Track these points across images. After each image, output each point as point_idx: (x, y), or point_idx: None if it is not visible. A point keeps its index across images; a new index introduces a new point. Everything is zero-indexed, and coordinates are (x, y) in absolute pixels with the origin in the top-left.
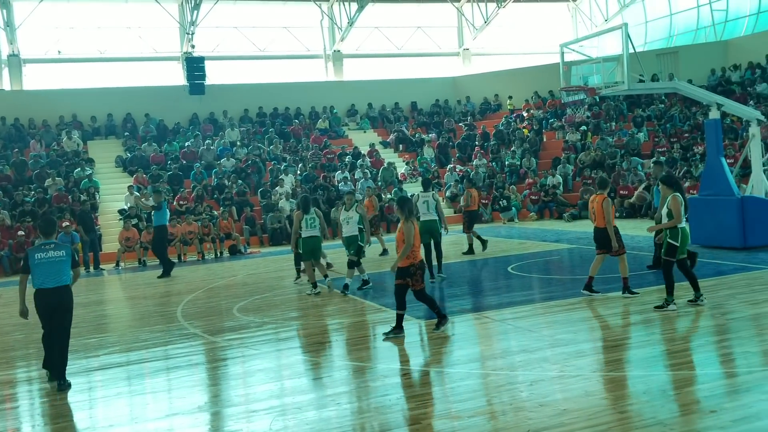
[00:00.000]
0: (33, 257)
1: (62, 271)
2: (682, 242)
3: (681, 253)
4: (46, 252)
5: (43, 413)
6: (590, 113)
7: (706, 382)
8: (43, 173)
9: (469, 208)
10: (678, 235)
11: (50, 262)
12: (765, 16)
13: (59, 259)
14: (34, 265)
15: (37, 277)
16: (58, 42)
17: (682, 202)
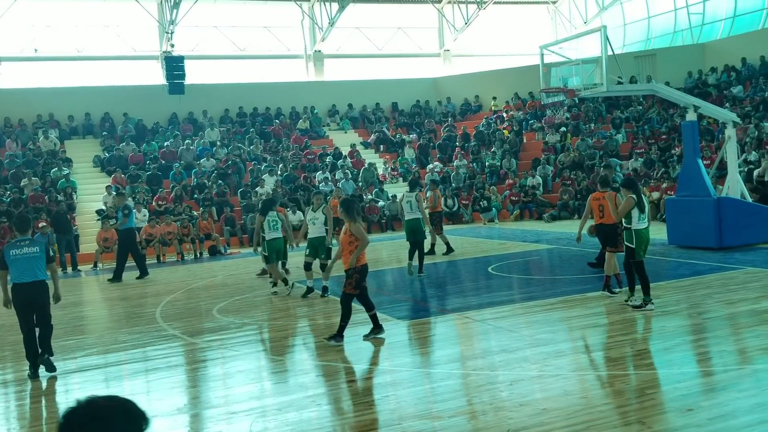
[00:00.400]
0: (8, 253)
1: (37, 266)
2: (637, 244)
3: (638, 254)
4: (21, 248)
5: (19, 416)
6: (569, 115)
7: (683, 381)
8: (18, 173)
9: (435, 209)
10: (632, 237)
11: (25, 258)
12: (741, 19)
13: (33, 255)
14: (10, 261)
15: (13, 273)
16: (34, 40)
17: (634, 205)
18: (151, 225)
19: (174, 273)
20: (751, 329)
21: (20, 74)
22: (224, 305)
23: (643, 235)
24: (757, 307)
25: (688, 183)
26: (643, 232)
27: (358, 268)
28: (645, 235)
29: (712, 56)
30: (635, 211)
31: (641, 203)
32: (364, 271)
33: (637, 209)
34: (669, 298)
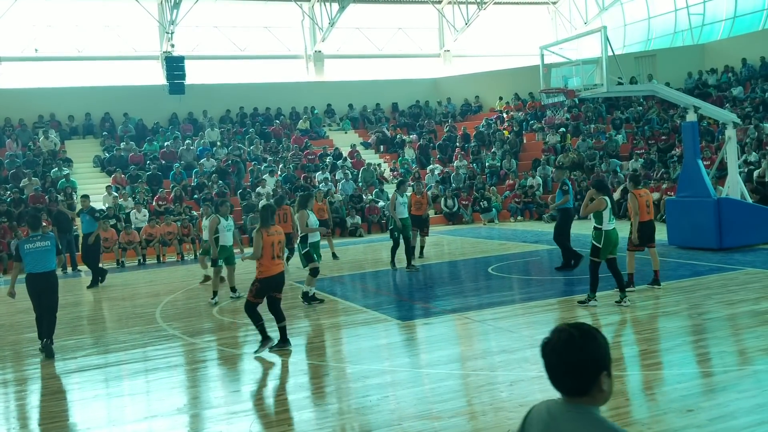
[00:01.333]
0: (23, 248)
1: (48, 258)
2: (604, 244)
3: (605, 254)
4: (34, 243)
5: (19, 416)
6: (569, 115)
7: (683, 382)
8: (19, 173)
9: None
10: (600, 237)
11: (38, 251)
12: (741, 20)
13: (45, 249)
14: (24, 254)
15: (27, 264)
16: (35, 40)
17: (606, 206)
18: (151, 225)
19: (174, 273)
20: (751, 330)
21: (21, 74)
22: (224, 305)
23: (611, 236)
24: (757, 308)
25: (688, 184)
26: (612, 234)
27: (262, 278)
28: (614, 236)
29: (712, 57)
30: (606, 213)
31: (612, 206)
32: (266, 282)
33: (608, 211)
34: (669, 299)
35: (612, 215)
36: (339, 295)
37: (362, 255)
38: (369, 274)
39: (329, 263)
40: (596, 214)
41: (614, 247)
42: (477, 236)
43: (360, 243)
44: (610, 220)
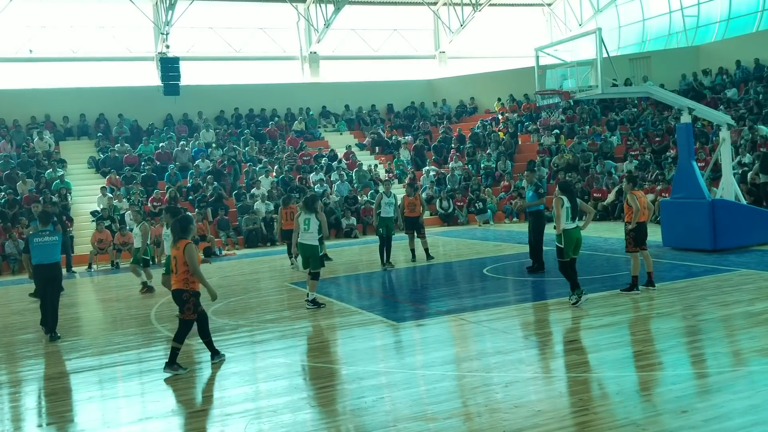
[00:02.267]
0: (32, 241)
1: (54, 251)
2: (566, 244)
3: (567, 254)
4: (42, 237)
5: (13, 418)
6: (564, 117)
7: (678, 383)
8: (13, 174)
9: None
10: (561, 238)
11: (46, 245)
12: (735, 22)
13: (53, 242)
14: (33, 246)
15: (35, 256)
16: (29, 41)
17: (563, 206)
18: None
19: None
20: (746, 331)
21: (15, 75)
22: (219, 307)
23: (572, 235)
24: (752, 309)
25: (682, 185)
26: (572, 233)
27: (192, 291)
28: (574, 235)
29: (706, 59)
30: (564, 212)
31: (573, 206)
32: (198, 296)
33: (566, 211)
34: (663, 300)
35: (569, 215)
36: (334, 297)
37: (357, 256)
38: (364, 275)
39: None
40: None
41: (576, 247)
42: (472, 237)
43: (355, 244)
44: (567, 220)
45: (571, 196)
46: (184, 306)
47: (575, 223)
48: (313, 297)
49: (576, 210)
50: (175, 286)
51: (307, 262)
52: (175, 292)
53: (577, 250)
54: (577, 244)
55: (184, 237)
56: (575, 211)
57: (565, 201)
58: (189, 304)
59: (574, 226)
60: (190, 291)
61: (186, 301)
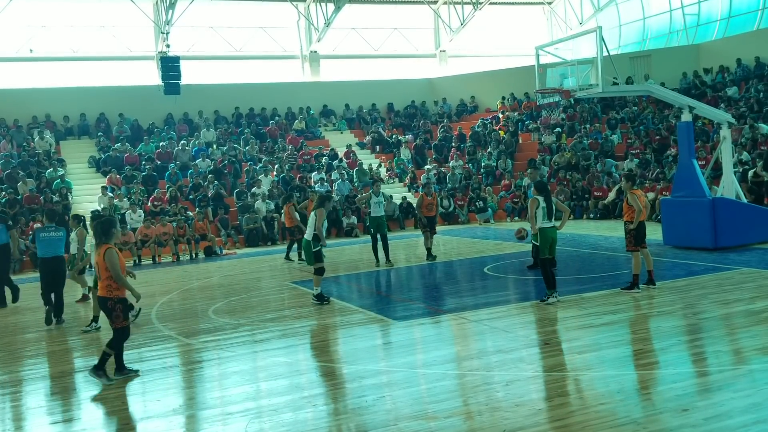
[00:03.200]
0: (38, 235)
1: (58, 246)
2: (542, 243)
3: (543, 252)
4: (48, 232)
5: (14, 417)
6: (565, 115)
7: (679, 381)
8: (13, 174)
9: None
10: (537, 237)
11: (51, 239)
12: (736, 20)
13: (58, 238)
14: (39, 240)
15: (40, 250)
16: (29, 40)
17: (539, 206)
18: (147, 226)
19: (169, 274)
20: (746, 329)
21: (15, 74)
22: (220, 306)
23: (547, 234)
24: (752, 308)
25: (683, 183)
26: (547, 232)
27: (116, 299)
28: (550, 234)
29: (707, 57)
30: (539, 212)
31: (549, 206)
32: (125, 302)
33: (542, 211)
34: (664, 299)
35: (545, 215)
36: (335, 296)
37: (358, 255)
38: (364, 274)
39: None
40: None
41: (551, 247)
42: (473, 236)
43: (356, 243)
44: (543, 219)
45: (546, 196)
46: (111, 314)
47: (551, 223)
48: (318, 292)
49: (552, 209)
50: (99, 294)
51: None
52: (100, 300)
53: (553, 249)
54: (552, 243)
55: (106, 241)
56: (551, 210)
57: (540, 201)
58: (116, 312)
59: (550, 225)
60: (114, 298)
61: (112, 309)
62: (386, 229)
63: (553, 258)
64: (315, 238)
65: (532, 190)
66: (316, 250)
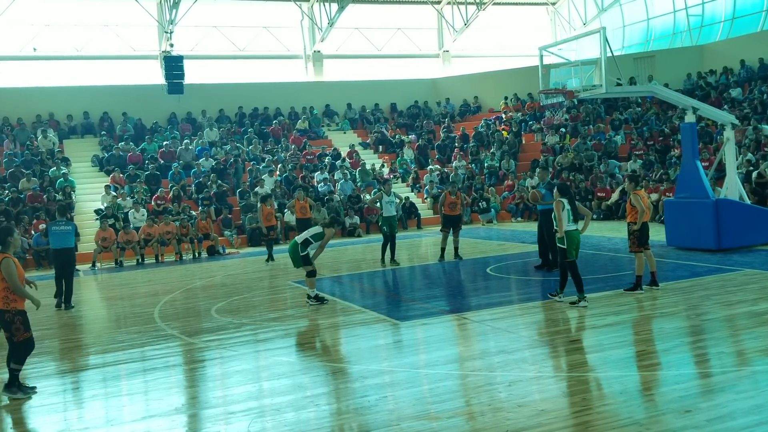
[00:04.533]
0: (51, 229)
1: (70, 238)
2: (568, 245)
3: (570, 254)
4: (59, 226)
5: (15, 416)
6: (568, 116)
7: (682, 383)
8: (17, 172)
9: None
10: (563, 239)
11: (62, 233)
12: (740, 21)
13: (68, 231)
14: (51, 233)
15: (53, 242)
16: (33, 39)
17: (564, 208)
18: (149, 225)
19: (172, 273)
20: (750, 331)
21: (19, 73)
22: (222, 305)
23: (573, 236)
24: (756, 309)
25: (686, 185)
26: (573, 234)
27: (14, 311)
28: (575, 236)
29: (710, 58)
30: (564, 214)
31: (573, 208)
32: (24, 314)
33: (566, 213)
34: (667, 300)
35: (570, 217)
36: (338, 295)
37: (361, 255)
38: (367, 274)
39: (327, 263)
40: (556, 217)
41: (576, 249)
42: (476, 237)
43: (358, 243)
44: (567, 222)
45: (570, 197)
46: (11, 327)
47: (575, 225)
48: (315, 294)
49: (576, 212)
50: None
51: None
52: None
53: (577, 251)
54: (577, 246)
55: (4, 251)
56: (575, 212)
57: (565, 203)
58: (16, 324)
59: (574, 227)
60: (12, 311)
61: (11, 322)
62: (396, 229)
63: (574, 261)
64: (305, 242)
65: (555, 192)
66: (304, 254)
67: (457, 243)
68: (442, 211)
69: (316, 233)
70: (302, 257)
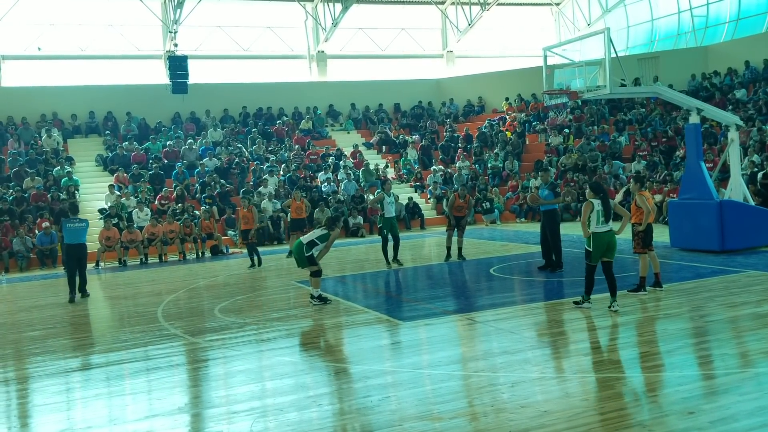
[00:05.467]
0: (65, 225)
1: (83, 234)
2: (594, 248)
3: (596, 257)
4: (74, 223)
5: (20, 415)
6: (572, 117)
7: (685, 384)
8: (21, 171)
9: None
10: (589, 240)
11: (75, 229)
12: (745, 22)
13: (81, 228)
14: (66, 229)
15: (67, 237)
16: (38, 38)
17: (593, 209)
18: (153, 224)
19: (176, 272)
20: (753, 332)
21: (24, 72)
22: (226, 305)
23: (603, 238)
24: (759, 311)
25: (690, 186)
26: (602, 236)
27: None
28: (605, 238)
29: (715, 59)
30: (594, 216)
31: (606, 209)
32: None
33: (596, 215)
34: (671, 301)
35: (600, 218)
36: (341, 296)
37: (364, 255)
38: (370, 274)
39: (331, 263)
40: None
41: (608, 251)
42: (479, 237)
43: (362, 243)
44: (597, 223)
45: (604, 197)
46: None
47: (608, 226)
48: (318, 294)
49: (609, 212)
50: None
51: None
52: None
53: (611, 253)
54: (608, 248)
55: None
56: (608, 213)
57: (595, 204)
58: None
59: (606, 229)
60: None
61: None
62: (398, 229)
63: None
64: (310, 243)
65: (588, 191)
66: (309, 255)
67: (461, 243)
68: (452, 213)
69: (321, 234)
70: (307, 257)
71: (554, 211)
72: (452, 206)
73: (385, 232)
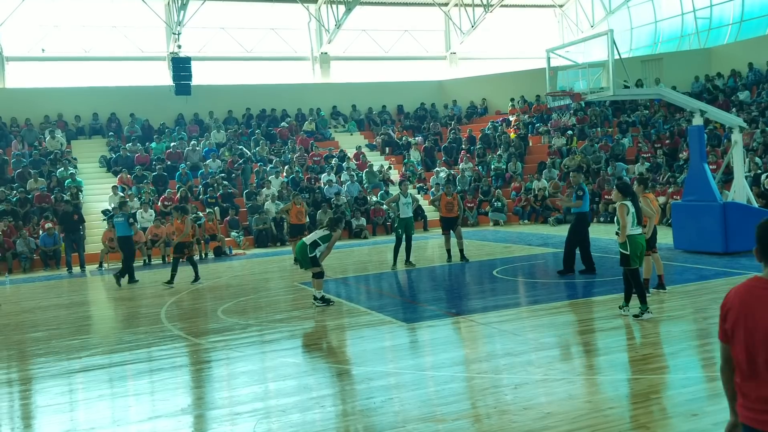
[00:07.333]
0: (114, 221)
1: (125, 228)
2: (632, 251)
3: (633, 261)
4: (118, 218)
5: (23, 416)
6: (575, 118)
7: (688, 386)
8: (25, 173)
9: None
10: (626, 244)
11: (119, 224)
12: (748, 24)
13: (120, 222)
14: (116, 224)
15: (117, 231)
16: (42, 40)
17: (629, 212)
18: (157, 225)
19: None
20: None
21: (27, 74)
22: (229, 306)
23: (638, 241)
24: None
25: (694, 188)
26: (637, 238)
27: None
28: (640, 241)
29: (718, 61)
30: (629, 218)
31: (637, 210)
32: None
33: (631, 216)
34: (674, 303)
35: (635, 220)
36: (344, 297)
37: (367, 257)
38: (373, 276)
39: (334, 265)
40: (618, 220)
41: (641, 254)
42: (482, 239)
43: (365, 245)
44: (633, 225)
45: (633, 199)
46: None
47: (639, 229)
48: (321, 295)
49: (639, 214)
50: None
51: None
52: None
53: (641, 259)
54: (642, 251)
55: None
56: (639, 214)
57: (629, 206)
58: None
59: (638, 231)
60: None
61: None
62: (413, 230)
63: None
64: (313, 244)
65: (615, 193)
66: (313, 256)
67: (461, 245)
68: (440, 211)
69: (323, 235)
70: (311, 258)
71: (584, 214)
72: (437, 202)
73: (399, 231)
